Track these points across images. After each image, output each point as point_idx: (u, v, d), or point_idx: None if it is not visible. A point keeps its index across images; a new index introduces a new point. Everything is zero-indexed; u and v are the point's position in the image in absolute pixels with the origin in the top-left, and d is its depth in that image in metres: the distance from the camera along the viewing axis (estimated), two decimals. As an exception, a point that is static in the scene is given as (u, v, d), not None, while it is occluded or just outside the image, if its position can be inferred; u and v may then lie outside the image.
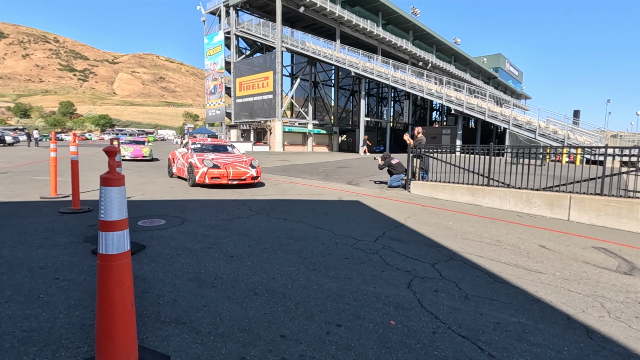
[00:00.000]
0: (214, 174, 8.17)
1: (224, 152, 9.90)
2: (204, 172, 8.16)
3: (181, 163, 9.36)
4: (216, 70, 44.00)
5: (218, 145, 10.46)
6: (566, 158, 15.01)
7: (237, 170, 8.39)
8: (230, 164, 8.49)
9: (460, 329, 2.37)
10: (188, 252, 3.66)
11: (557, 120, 26.74)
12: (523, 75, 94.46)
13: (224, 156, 9.16)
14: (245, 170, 8.52)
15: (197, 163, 8.35)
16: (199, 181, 8.18)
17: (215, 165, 8.26)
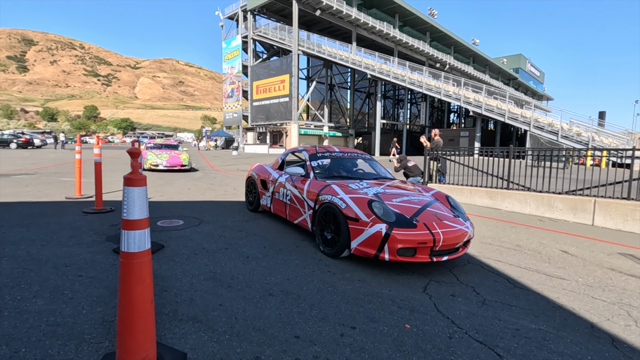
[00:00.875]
0: (409, 240, 3.26)
1: (380, 179, 4.80)
2: (388, 236, 3.27)
3: (290, 197, 4.74)
4: (234, 74, 44.70)
5: (351, 159, 5.39)
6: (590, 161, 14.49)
7: (450, 234, 3.42)
8: (433, 216, 3.59)
9: (477, 334, 2.32)
10: (205, 252, 3.72)
11: (581, 122, 25.87)
12: (545, 75, 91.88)
13: (399, 191, 4.17)
14: (461, 230, 3.54)
15: (360, 213, 3.52)
16: (381, 257, 3.35)
17: (404, 221, 3.40)
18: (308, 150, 5.14)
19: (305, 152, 5.12)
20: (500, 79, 69.46)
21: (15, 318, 2.22)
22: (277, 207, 5.16)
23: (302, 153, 5.31)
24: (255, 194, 5.89)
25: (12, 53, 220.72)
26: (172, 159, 12.72)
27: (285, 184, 4.91)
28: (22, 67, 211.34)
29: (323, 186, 4.13)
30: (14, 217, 4.93)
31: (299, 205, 4.50)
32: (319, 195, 4.06)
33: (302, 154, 5.25)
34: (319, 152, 5.09)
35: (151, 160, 12.41)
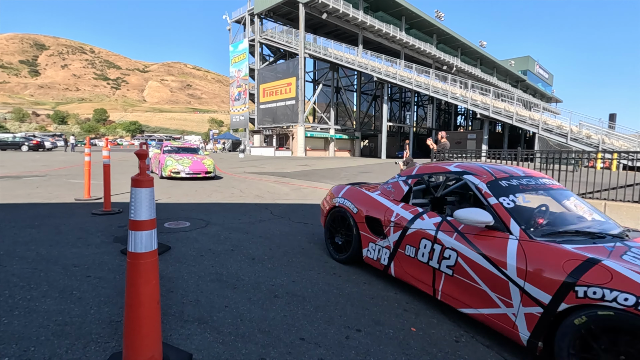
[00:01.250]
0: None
1: None
2: None
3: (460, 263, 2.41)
4: (240, 77, 45.02)
5: None
6: (600, 164, 14.26)
7: None
8: None
9: (484, 338, 2.30)
10: (211, 254, 3.74)
11: (591, 124, 25.52)
12: (554, 77, 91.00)
13: None
14: None
15: None
16: None
17: None
18: (479, 174, 2.72)
19: (475, 176, 2.72)
20: (508, 81, 68.95)
21: (25, 317, 2.25)
22: (412, 272, 2.83)
23: (467, 177, 2.78)
24: (351, 238, 3.55)
25: (25, 57, 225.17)
26: (195, 165, 10.93)
27: (440, 235, 2.60)
28: (34, 71, 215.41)
29: None
30: (25, 218, 5.01)
31: (486, 287, 2.24)
32: None
33: (469, 178, 2.75)
34: (503, 179, 2.66)
35: (171, 166, 10.62)
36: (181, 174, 10.68)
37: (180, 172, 10.67)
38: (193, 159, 11.36)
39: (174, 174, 10.63)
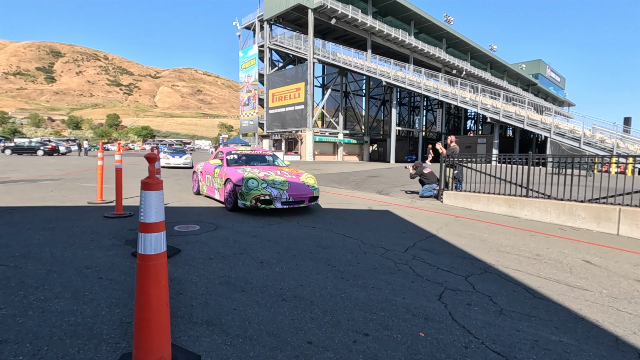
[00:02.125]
0: None
1: None
2: None
3: None
4: (250, 83, 45.48)
5: None
6: (615, 168, 13.97)
7: None
8: None
9: (494, 344, 2.26)
10: (220, 257, 3.77)
11: (605, 128, 25.05)
12: (566, 81, 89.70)
13: None
14: None
15: None
16: None
17: None
18: None
19: None
20: (519, 85, 68.19)
21: (39, 317, 2.30)
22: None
23: None
24: None
25: (41, 64, 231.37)
26: (294, 187, 6.55)
27: None
28: (50, 77, 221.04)
29: None
30: (40, 220, 5.12)
31: None
32: None
33: None
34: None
35: (257, 190, 6.18)
36: (275, 204, 6.22)
37: (273, 199, 6.19)
38: (285, 174, 7.00)
39: (262, 203, 6.18)
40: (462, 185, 9.09)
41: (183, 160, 18.99)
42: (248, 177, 6.29)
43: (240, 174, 6.51)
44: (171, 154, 19.45)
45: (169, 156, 19.02)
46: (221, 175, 7.09)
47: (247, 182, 6.20)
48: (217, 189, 7.31)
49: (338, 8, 35.75)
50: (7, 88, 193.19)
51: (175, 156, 19.17)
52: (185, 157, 19.29)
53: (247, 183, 6.19)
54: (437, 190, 9.22)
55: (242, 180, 6.21)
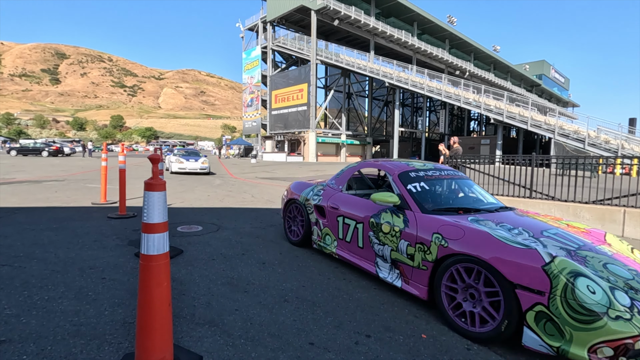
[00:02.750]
0: None
1: None
2: None
3: None
4: (253, 84, 45.62)
5: None
6: (620, 169, 13.89)
7: None
8: None
9: (496, 346, 2.25)
10: (222, 258, 3.78)
11: (610, 129, 24.88)
12: (570, 81, 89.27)
13: None
14: None
15: None
16: None
17: None
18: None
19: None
20: (523, 86, 67.93)
21: (43, 317, 2.32)
22: None
23: None
24: None
25: (46, 66, 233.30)
26: None
27: None
28: (54, 79, 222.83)
29: None
30: (44, 221, 5.16)
31: None
32: None
33: None
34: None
35: None
36: None
37: None
38: None
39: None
40: (465, 186, 9.04)
41: (200, 165, 15.82)
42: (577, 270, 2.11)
43: None
44: (185, 157, 16.22)
45: (182, 159, 15.82)
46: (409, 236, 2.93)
47: None
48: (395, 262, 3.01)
49: (341, 9, 35.81)
50: (13, 89, 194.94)
51: (190, 159, 15.95)
52: (202, 161, 16.02)
53: None
54: (440, 192, 9.16)
55: None
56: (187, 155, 16.78)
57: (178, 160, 15.65)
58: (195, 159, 16.08)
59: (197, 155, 17.27)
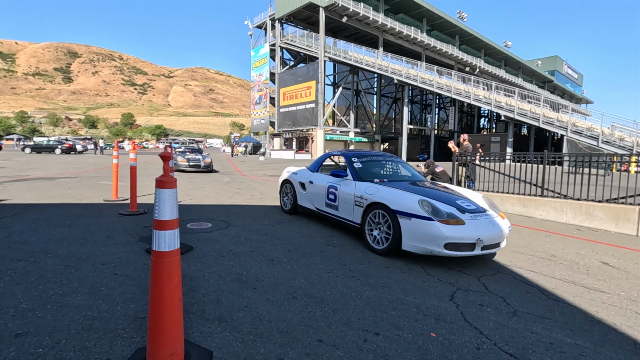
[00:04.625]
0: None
1: None
2: None
3: None
4: (261, 81, 45.71)
5: None
6: (635, 167, 13.53)
7: None
8: None
9: (507, 346, 2.23)
10: (232, 255, 3.81)
11: (624, 126, 24.32)
12: (583, 77, 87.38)
13: None
14: None
15: None
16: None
17: None
18: None
19: None
20: (535, 82, 66.72)
21: (57, 311, 2.37)
22: None
23: None
24: None
25: (59, 65, 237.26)
26: None
27: None
28: (67, 78, 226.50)
29: None
30: (57, 217, 5.26)
31: None
32: None
33: None
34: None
35: None
36: None
37: None
38: None
39: None
40: (475, 184, 8.96)
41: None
42: None
43: None
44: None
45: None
46: None
47: None
48: None
49: (349, 6, 35.59)
50: (27, 88, 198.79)
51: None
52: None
53: None
54: (449, 190, 9.10)
55: None
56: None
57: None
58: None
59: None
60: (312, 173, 5.88)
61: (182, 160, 14.85)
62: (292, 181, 6.29)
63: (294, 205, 6.13)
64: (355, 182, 4.76)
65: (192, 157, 15.28)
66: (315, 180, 5.61)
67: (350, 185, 4.75)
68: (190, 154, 16.72)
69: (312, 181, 5.66)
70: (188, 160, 14.92)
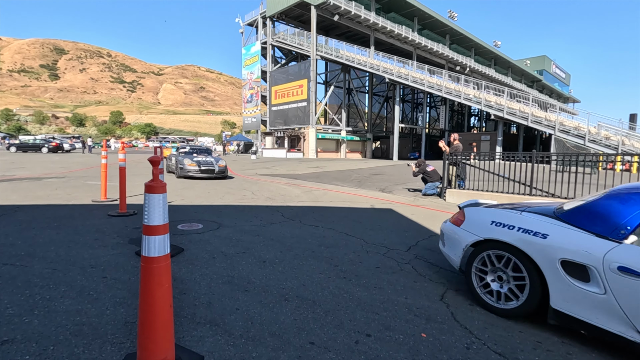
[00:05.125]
0: None
1: None
2: None
3: None
4: (253, 80, 45.45)
5: None
6: (620, 166, 13.80)
7: None
8: None
9: (496, 346, 2.27)
10: (223, 256, 3.79)
11: (610, 125, 24.83)
12: (571, 77, 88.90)
13: None
14: None
15: None
16: None
17: None
18: None
19: None
20: (524, 81, 67.65)
21: (45, 317, 2.33)
22: None
23: None
24: None
25: (45, 62, 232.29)
26: None
27: None
28: (53, 75, 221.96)
29: None
30: (44, 219, 5.17)
31: None
32: None
33: None
34: None
35: None
36: None
37: None
38: None
39: None
40: (465, 183, 9.06)
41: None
42: None
43: None
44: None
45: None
46: None
47: None
48: None
49: (341, 4, 35.58)
50: (12, 85, 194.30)
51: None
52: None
53: None
54: (440, 189, 9.20)
55: None
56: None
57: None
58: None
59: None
60: None
61: (191, 164, 11.72)
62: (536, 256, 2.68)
63: None
64: None
65: (203, 160, 12.07)
66: None
67: None
68: (199, 155, 12.99)
69: None
70: (199, 163, 11.78)
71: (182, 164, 11.94)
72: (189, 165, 11.77)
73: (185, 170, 11.76)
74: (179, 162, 12.24)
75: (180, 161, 12.11)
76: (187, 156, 12.69)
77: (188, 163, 11.86)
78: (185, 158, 12.25)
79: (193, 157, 12.44)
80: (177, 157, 12.68)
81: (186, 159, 12.16)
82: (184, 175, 11.79)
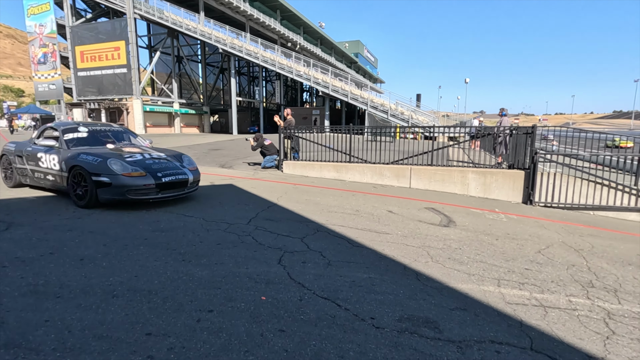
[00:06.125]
0: None
1: None
2: None
3: None
4: (44, 34, 35.41)
5: None
6: (410, 135, 17.72)
7: None
8: None
9: (323, 292, 2.69)
10: (19, 263, 3.02)
11: (404, 103, 31.40)
12: (378, 61, 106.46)
13: None
14: None
15: None
16: None
17: None
18: None
19: None
20: (344, 62, 76.91)
21: None
22: None
23: None
24: None
25: None
26: None
27: None
28: None
29: None
30: None
31: None
32: None
33: None
34: None
35: None
36: None
37: None
38: None
39: None
40: (299, 154, 9.88)
41: None
42: None
43: None
44: None
45: None
46: None
47: None
48: None
49: (160, -43, 31.15)
50: None
51: None
52: None
53: None
54: (277, 161, 9.74)
55: None
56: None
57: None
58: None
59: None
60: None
61: (133, 173, 4.96)
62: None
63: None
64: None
65: (151, 159, 5.50)
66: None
67: None
68: (124, 147, 6.06)
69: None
70: (150, 170, 5.16)
71: (106, 170, 4.90)
72: (125, 176, 4.90)
73: (122, 185, 4.88)
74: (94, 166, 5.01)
75: (99, 164, 4.96)
76: (107, 155, 5.26)
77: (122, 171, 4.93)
78: (110, 159, 5.01)
79: (124, 157, 5.32)
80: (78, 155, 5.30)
81: (111, 160, 5.00)
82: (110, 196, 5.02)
